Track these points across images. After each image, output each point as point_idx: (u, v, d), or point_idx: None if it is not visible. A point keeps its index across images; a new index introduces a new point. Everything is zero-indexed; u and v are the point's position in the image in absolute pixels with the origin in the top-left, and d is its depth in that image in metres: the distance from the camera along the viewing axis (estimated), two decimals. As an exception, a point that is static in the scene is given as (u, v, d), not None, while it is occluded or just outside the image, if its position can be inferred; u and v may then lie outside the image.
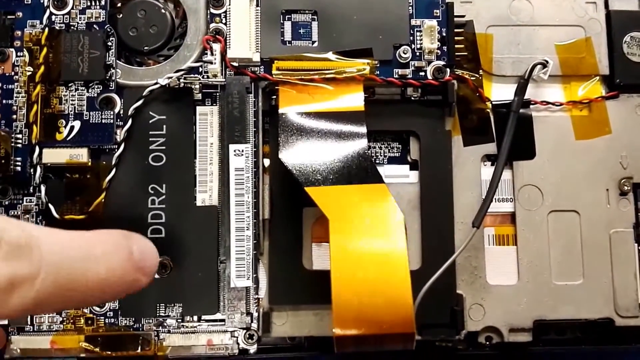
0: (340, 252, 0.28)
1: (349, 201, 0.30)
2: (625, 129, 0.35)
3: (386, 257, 0.29)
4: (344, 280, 0.28)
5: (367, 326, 0.28)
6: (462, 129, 0.35)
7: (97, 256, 0.21)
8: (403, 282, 0.28)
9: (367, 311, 0.28)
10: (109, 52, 0.33)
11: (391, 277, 0.28)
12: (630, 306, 0.34)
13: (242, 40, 0.33)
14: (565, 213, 0.35)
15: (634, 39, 0.35)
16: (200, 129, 0.33)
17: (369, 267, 0.28)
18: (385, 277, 0.28)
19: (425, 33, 0.34)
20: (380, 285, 0.28)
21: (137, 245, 0.23)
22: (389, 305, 0.28)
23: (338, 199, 0.30)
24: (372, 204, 0.30)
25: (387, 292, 0.28)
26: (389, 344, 0.29)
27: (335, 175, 0.31)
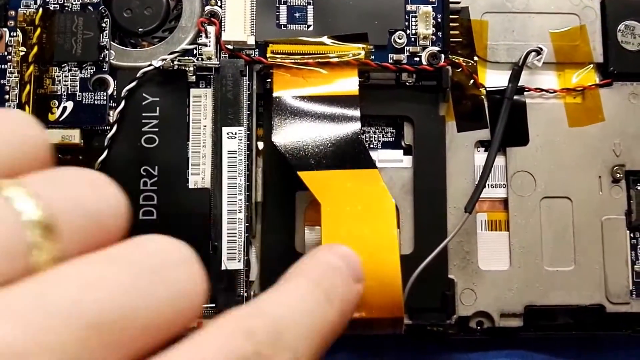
0: (331, 237, 0.29)
1: (341, 186, 0.30)
2: (618, 117, 0.35)
3: (377, 242, 0.29)
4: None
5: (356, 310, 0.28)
6: (456, 114, 0.35)
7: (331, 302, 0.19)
8: (393, 267, 0.28)
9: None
10: (103, 33, 0.33)
11: (381, 262, 0.28)
12: (621, 293, 0.34)
13: (237, 23, 0.33)
14: (557, 199, 0.35)
15: (628, 27, 0.36)
16: (193, 111, 0.33)
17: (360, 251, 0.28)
18: (376, 261, 0.28)
19: (420, 19, 0.34)
20: (370, 269, 0.28)
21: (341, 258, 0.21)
22: (379, 290, 0.28)
23: (330, 184, 0.30)
24: (364, 190, 0.30)
25: (377, 276, 0.28)
26: (378, 327, 0.29)
27: (328, 160, 0.31)
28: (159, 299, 0.15)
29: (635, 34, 0.36)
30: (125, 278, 0.15)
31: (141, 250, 0.15)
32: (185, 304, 0.15)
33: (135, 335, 0.14)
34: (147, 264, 0.15)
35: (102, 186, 0.16)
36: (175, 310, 0.15)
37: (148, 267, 0.15)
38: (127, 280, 0.15)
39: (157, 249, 0.16)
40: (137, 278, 0.15)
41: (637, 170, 0.35)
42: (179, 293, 0.15)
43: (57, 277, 0.14)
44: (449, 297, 0.33)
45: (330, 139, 0.31)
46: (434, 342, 0.34)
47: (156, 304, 0.15)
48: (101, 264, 0.15)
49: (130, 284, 0.14)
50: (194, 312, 0.16)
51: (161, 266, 0.15)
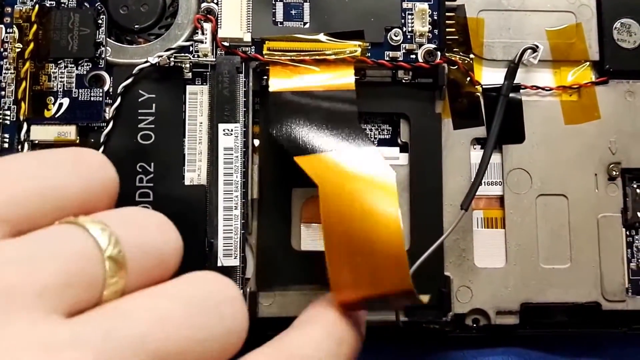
0: (331, 216, 0.27)
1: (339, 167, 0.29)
2: (614, 115, 0.35)
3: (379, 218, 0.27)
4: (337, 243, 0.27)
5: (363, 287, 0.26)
6: (452, 112, 0.35)
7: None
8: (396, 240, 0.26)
9: (362, 272, 0.26)
10: (99, 30, 0.33)
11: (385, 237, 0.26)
12: (617, 290, 0.34)
13: (234, 20, 0.33)
14: (553, 197, 0.35)
15: (624, 25, 0.36)
16: (189, 108, 0.33)
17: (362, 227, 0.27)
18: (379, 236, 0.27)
19: (416, 16, 0.34)
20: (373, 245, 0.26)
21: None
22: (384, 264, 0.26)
23: (328, 166, 0.29)
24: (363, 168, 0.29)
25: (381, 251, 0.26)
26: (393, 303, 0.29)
27: (325, 145, 0.30)
28: (212, 334, 0.16)
29: (631, 32, 0.36)
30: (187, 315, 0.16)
31: (197, 287, 0.17)
32: (233, 339, 0.17)
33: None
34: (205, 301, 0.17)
35: (167, 230, 0.18)
36: (224, 344, 0.17)
37: (206, 304, 0.17)
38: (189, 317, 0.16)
39: (210, 287, 0.17)
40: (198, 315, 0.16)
41: (633, 168, 0.35)
42: (228, 329, 0.17)
43: (125, 310, 0.16)
44: (445, 295, 0.33)
45: (327, 129, 0.31)
46: (430, 340, 0.34)
47: (210, 338, 0.16)
48: (163, 300, 0.16)
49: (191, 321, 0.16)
50: (238, 346, 0.17)
51: (215, 303, 0.17)
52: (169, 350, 0.15)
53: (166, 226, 0.18)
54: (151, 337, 0.15)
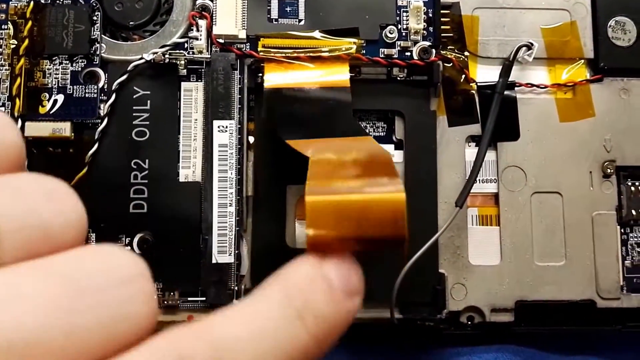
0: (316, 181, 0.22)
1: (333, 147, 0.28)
2: (609, 112, 0.35)
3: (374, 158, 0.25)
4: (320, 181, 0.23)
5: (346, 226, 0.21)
6: (447, 109, 0.35)
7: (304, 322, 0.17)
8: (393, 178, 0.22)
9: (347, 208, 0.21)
10: (94, 26, 0.33)
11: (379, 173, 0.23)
12: (612, 288, 0.34)
13: (228, 17, 0.33)
14: (548, 194, 0.35)
15: (618, 23, 0.36)
16: (184, 104, 0.33)
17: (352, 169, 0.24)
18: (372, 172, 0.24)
19: (411, 13, 0.34)
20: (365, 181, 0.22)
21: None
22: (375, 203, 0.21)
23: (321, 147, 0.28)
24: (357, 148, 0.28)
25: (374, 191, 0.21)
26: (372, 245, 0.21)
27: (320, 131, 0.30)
28: (100, 321, 0.13)
29: (625, 30, 0.36)
30: (58, 295, 0.13)
31: (88, 264, 0.14)
32: (128, 326, 0.14)
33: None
34: (89, 281, 0.14)
35: (60, 197, 0.15)
36: (113, 333, 0.14)
37: (89, 285, 0.14)
38: (59, 299, 0.13)
39: (105, 264, 0.14)
40: (73, 296, 0.13)
41: (628, 166, 0.35)
42: (121, 315, 0.14)
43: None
44: (439, 292, 0.33)
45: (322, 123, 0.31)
46: (425, 337, 0.34)
47: (97, 326, 0.13)
48: (32, 276, 0.13)
49: (60, 303, 0.13)
50: (147, 331, 0.15)
51: (106, 285, 0.14)
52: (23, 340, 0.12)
53: (59, 192, 0.15)
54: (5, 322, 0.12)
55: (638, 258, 0.35)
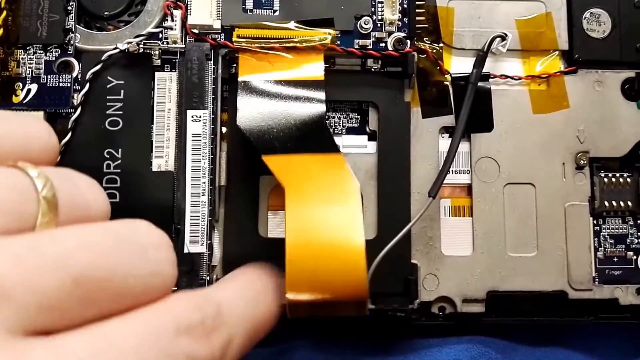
0: (295, 220, 0.28)
1: (306, 170, 0.30)
2: (583, 104, 0.35)
3: (341, 225, 0.29)
4: (299, 246, 0.28)
5: (320, 291, 0.28)
6: (421, 100, 0.35)
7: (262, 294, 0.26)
8: (358, 249, 0.28)
9: (320, 276, 0.28)
10: (69, 16, 0.33)
11: (346, 245, 0.28)
12: (584, 279, 0.35)
13: (203, 7, 0.33)
14: (521, 186, 0.35)
15: (593, 15, 0.36)
16: (158, 94, 0.33)
17: (324, 234, 0.28)
18: (340, 244, 0.28)
19: (386, 4, 0.34)
20: (334, 252, 0.28)
21: None
22: (343, 272, 0.28)
23: (295, 168, 0.30)
24: (328, 173, 0.31)
25: (341, 258, 0.28)
26: (342, 309, 0.29)
27: (293, 144, 0.31)
28: (137, 271, 0.18)
29: (600, 22, 0.36)
30: (112, 247, 0.18)
31: (129, 228, 0.19)
32: (158, 281, 0.19)
33: (108, 297, 0.17)
34: (132, 240, 0.18)
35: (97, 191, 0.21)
36: (147, 285, 0.18)
37: (133, 243, 0.18)
38: (114, 250, 0.18)
39: (142, 230, 0.19)
40: (122, 250, 0.18)
41: (601, 157, 0.35)
42: (154, 270, 0.18)
43: (53, 234, 0.17)
44: (411, 282, 0.34)
45: (295, 123, 0.31)
46: (396, 328, 0.34)
47: (134, 274, 0.18)
48: (94, 233, 0.18)
49: (115, 254, 0.17)
50: (164, 290, 0.19)
51: (144, 244, 0.19)
52: (88, 275, 0.16)
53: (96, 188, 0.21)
54: (74, 259, 0.16)
55: (610, 249, 0.36)
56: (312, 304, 0.28)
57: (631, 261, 0.36)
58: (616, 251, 0.36)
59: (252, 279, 0.26)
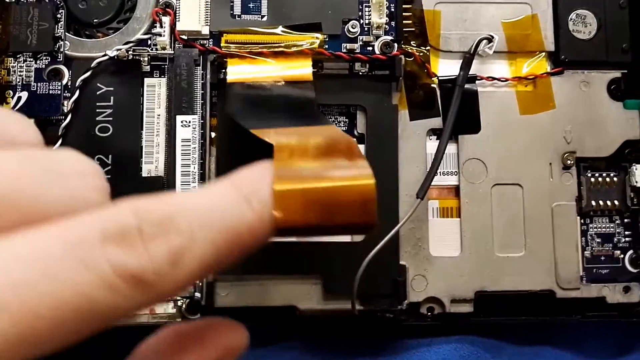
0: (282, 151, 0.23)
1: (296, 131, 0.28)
2: (569, 104, 0.36)
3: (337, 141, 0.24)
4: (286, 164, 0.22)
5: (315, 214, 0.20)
6: (409, 103, 0.35)
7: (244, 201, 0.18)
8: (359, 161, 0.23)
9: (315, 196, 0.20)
10: (58, 24, 0.33)
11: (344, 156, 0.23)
12: (572, 278, 0.35)
13: (192, 14, 0.34)
14: (508, 186, 0.35)
15: (579, 16, 0.36)
16: (147, 100, 0.34)
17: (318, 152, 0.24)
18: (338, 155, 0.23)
19: (373, 8, 0.34)
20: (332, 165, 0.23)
21: None
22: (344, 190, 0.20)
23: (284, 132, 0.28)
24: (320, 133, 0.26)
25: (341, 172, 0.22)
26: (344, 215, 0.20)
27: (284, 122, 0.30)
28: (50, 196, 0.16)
29: (586, 23, 0.36)
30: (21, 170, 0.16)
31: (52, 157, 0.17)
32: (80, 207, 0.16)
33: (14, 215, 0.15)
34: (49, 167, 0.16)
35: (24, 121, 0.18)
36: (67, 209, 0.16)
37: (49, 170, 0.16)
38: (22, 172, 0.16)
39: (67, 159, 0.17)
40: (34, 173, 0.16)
41: (588, 157, 0.36)
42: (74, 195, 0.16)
43: None
44: (400, 283, 0.34)
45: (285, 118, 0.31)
46: (385, 328, 0.35)
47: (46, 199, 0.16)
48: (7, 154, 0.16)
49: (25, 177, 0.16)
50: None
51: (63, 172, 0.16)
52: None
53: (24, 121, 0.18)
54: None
55: (598, 248, 0.36)
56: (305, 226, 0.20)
57: (618, 260, 0.36)
58: (603, 250, 0.36)
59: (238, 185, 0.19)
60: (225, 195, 0.18)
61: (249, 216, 0.18)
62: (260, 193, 0.18)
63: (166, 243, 0.16)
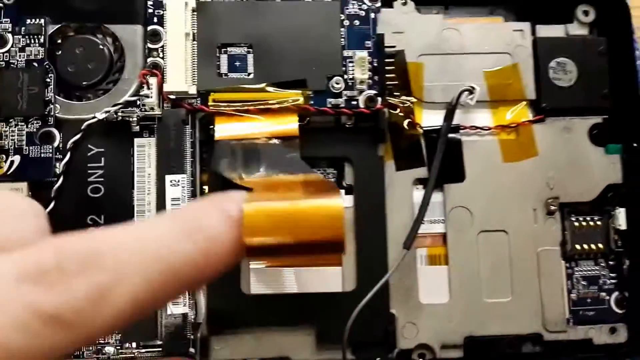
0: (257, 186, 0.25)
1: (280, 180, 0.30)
2: (551, 151, 0.37)
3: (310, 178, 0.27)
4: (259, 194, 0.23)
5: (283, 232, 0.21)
6: (395, 154, 0.36)
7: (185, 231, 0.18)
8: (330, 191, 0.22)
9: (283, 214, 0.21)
10: (48, 88, 0.34)
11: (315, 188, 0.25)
12: (558, 321, 0.36)
13: (179, 74, 0.34)
14: (494, 233, 0.36)
15: (559, 64, 0.37)
16: (138, 160, 0.34)
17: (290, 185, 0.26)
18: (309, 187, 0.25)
19: (356, 64, 0.35)
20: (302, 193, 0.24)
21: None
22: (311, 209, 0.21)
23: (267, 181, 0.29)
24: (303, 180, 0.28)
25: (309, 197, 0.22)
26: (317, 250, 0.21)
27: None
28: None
29: (567, 70, 0.37)
30: None
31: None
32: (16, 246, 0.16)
33: None
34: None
35: None
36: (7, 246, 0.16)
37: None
38: None
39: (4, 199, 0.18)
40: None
41: (571, 202, 0.36)
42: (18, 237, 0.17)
43: None
44: (390, 332, 0.35)
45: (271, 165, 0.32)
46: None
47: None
48: None
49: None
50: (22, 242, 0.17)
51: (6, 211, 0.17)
52: None
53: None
54: None
55: (583, 291, 0.37)
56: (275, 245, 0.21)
57: (604, 301, 0.37)
58: (589, 292, 0.37)
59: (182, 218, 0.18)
60: (163, 230, 0.17)
61: (189, 251, 0.17)
62: (208, 229, 0.18)
63: (87, 281, 0.16)
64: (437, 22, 0.37)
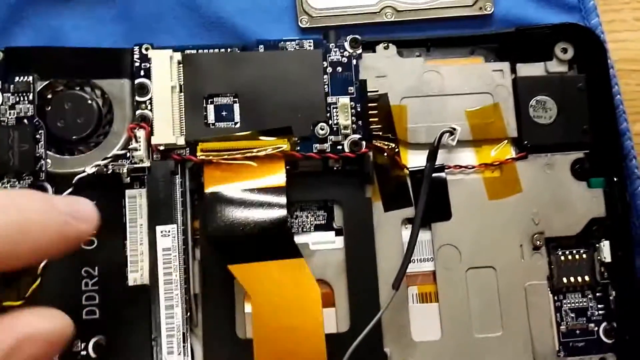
0: (261, 328, 0.33)
1: (269, 277, 0.33)
2: (535, 187, 0.37)
3: (304, 329, 0.34)
4: (265, 349, 0.33)
5: None
6: (382, 195, 0.37)
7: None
8: (319, 348, 0.33)
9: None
10: (38, 144, 0.35)
11: (308, 347, 0.33)
12: (548, 353, 0.36)
13: (166, 126, 0.35)
14: (482, 269, 0.37)
15: (539, 102, 0.38)
16: (129, 211, 0.35)
17: (288, 339, 0.33)
18: (303, 346, 0.33)
19: (340, 110, 0.36)
20: (298, 351, 0.33)
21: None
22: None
23: (259, 276, 0.33)
24: (290, 279, 0.34)
25: (305, 356, 0.33)
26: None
27: (257, 251, 0.34)
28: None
29: (546, 108, 0.38)
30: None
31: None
32: None
33: None
34: None
35: None
36: None
37: None
38: None
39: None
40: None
41: (556, 237, 0.37)
42: None
43: None
44: (383, 372, 0.35)
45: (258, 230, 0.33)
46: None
47: None
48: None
49: None
50: None
51: None
52: None
53: None
54: None
55: (572, 323, 0.37)
56: None
57: (593, 332, 0.37)
58: (578, 324, 0.37)
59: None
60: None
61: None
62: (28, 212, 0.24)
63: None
64: (418, 65, 0.38)
